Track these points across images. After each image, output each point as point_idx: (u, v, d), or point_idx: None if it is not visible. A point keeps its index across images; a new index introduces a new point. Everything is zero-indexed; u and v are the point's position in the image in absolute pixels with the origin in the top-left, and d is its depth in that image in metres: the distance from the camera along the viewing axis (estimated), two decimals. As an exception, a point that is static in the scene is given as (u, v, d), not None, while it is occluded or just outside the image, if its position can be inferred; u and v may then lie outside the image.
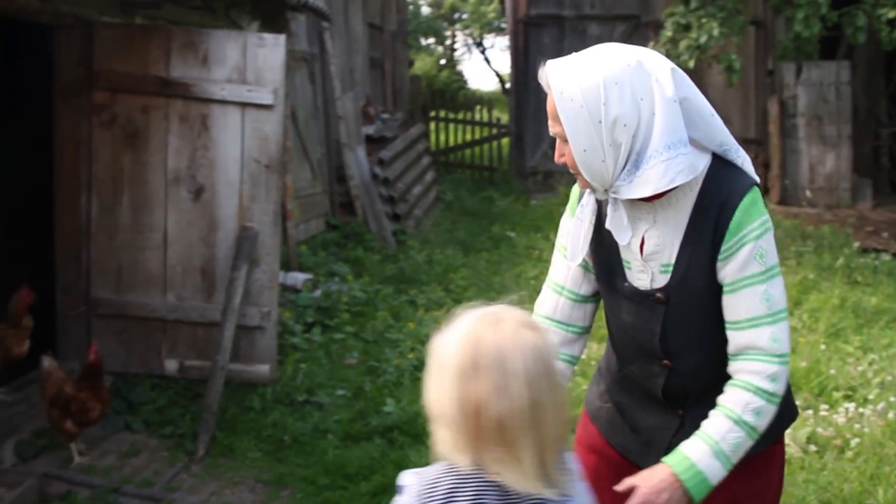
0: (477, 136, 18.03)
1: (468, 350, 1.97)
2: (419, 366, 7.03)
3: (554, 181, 15.72)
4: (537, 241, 11.86)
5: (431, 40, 39.22)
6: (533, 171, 16.16)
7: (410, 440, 5.80)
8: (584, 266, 2.58)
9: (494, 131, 17.71)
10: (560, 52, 11.54)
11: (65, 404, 5.36)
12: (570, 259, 2.47)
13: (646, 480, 2.23)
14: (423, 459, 5.43)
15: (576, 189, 2.56)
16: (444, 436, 2.04)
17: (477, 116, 18.77)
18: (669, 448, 2.38)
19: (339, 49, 12.44)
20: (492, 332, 1.97)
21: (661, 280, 2.36)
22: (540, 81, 2.28)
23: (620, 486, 2.19)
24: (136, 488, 5.30)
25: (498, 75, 41.65)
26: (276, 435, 5.94)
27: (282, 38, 6.17)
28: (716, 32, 10.49)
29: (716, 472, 2.24)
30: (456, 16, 39.01)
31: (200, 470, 5.60)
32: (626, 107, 2.16)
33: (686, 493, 2.23)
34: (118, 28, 6.24)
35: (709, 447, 2.24)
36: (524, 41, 16.21)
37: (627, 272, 2.42)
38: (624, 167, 2.22)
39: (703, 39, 10.57)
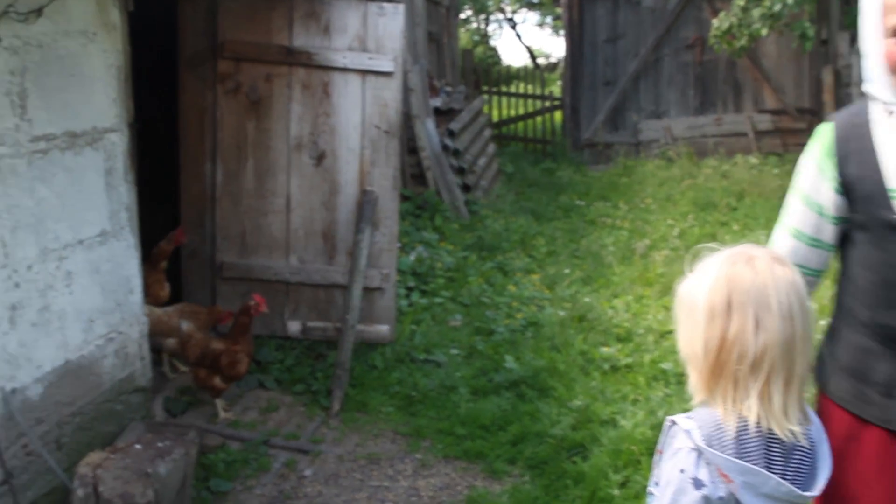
0: (530, 110, 18.11)
1: (722, 289, 2.04)
2: (528, 325, 7.22)
3: (612, 152, 15.85)
4: (606, 209, 12.00)
5: (464, 16, 39.14)
6: (589, 142, 16.27)
7: (537, 393, 5.99)
8: (819, 211, 2.58)
9: (547, 104, 17.79)
10: (615, 26, 11.74)
11: (213, 361, 5.57)
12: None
13: None
14: (554, 410, 5.63)
15: (824, 129, 2.58)
16: (696, 378, 2.12)
17: (523, 90, 18.83)
18: None
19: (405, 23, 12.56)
20: (746, 270, 2.04)
21: None
22: None
23: None
24: (284, 440, 5.53)
25: (529, 51, 41.58)
26: (403, 391, 6.14)
27: (401, 6, 6.33)
28: (790, 0, 10.57)
29: None
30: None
31: (339, 423, 5.81)
32: None
33: None
34: (242, -1, 6.43)
35: None
36: (579, 14, 16.29)
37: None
38: None
39: (776, 7, 10.65)
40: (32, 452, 4.30)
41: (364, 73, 6.36)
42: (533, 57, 41.15)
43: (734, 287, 2.03)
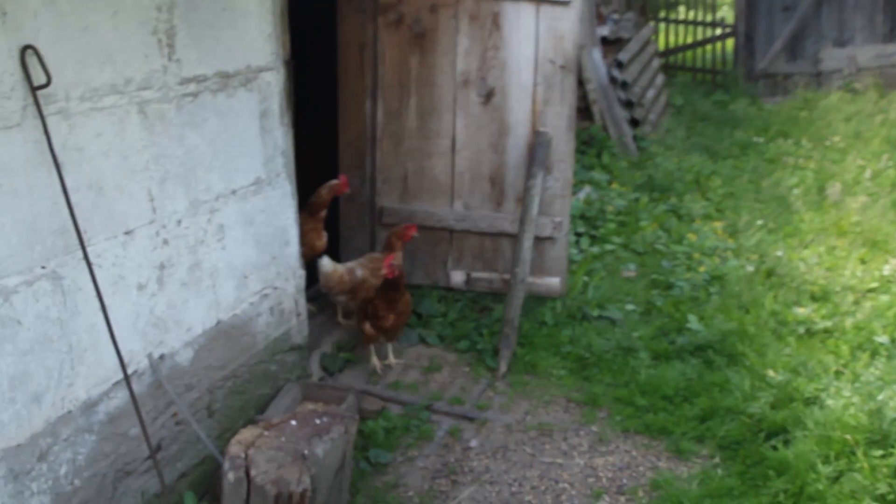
0: (699, 38, 17.06)
1: None
2: (711, 279, 6.58)
3: (790, 84, 14.78)
4: (788, 147, 11.06)
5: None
6: (764, 73, 15.22)
7: (726, 360, 5.39)
8: None
9: (718, 31, 16.71)
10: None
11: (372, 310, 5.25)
12: None
13: None
14: (746, 382, 5.03)
15: None
16: None
17: (692, 17, 17.74)
18: None
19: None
20: None
21: None
22: None
23: None
24: (448, 405, 5.12)
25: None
26: (576, 352, 5.64)
27: (580, -74, 5.70)
28: None
29: None
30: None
31: (506, 387, 5.36)
32: None
33: None
34: (407, -79, 5.90)
35: None
36: (757, -66, 15.18)
37: None
38: None
39: None
40: (182, 421, 3.99)
41: (538, 1, 5.77)
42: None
43: None
